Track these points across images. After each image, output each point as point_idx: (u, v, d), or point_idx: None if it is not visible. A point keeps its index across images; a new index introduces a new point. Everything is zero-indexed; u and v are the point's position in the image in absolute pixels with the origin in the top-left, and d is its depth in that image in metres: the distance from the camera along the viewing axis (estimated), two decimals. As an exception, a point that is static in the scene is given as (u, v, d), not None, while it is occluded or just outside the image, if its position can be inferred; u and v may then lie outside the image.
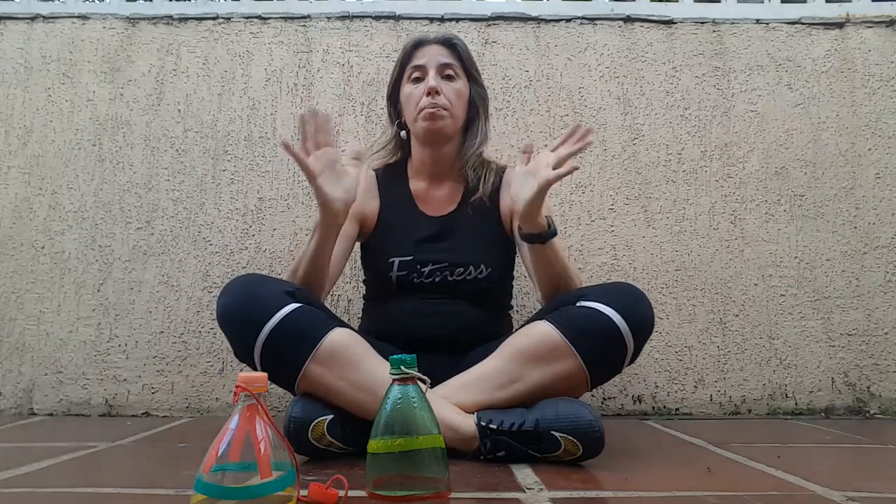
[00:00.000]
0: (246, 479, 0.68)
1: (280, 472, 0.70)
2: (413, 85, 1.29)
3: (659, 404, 1.65)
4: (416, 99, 1.27)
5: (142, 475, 0.98)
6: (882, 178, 1.75)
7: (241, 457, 0.68)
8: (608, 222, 1.73)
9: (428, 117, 1.26)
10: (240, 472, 0.68)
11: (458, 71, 1.30)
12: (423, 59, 1.29)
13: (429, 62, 1.28)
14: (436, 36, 1.33)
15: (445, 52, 1.30)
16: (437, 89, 1.25)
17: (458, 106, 1.29)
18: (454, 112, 1.28)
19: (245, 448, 0.69)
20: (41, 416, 1.63)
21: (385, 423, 0.77)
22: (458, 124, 1.31)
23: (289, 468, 0.71)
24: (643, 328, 1.08)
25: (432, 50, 1.30)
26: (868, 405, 1.66)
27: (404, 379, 0.79)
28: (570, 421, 0.98)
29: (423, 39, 1.32)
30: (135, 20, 1.81)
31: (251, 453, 0.68)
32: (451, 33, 1.35)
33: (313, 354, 1.03)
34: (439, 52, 1.29)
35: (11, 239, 1.72)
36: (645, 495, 0.83)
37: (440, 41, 1.31)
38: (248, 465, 0.68)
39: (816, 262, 1.71)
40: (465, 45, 1.34)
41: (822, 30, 1.80)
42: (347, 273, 1.69)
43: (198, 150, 1.76)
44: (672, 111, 1.77)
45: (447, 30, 1.34)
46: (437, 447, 0.77)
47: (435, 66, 1.28)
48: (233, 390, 0.79)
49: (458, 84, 1.30)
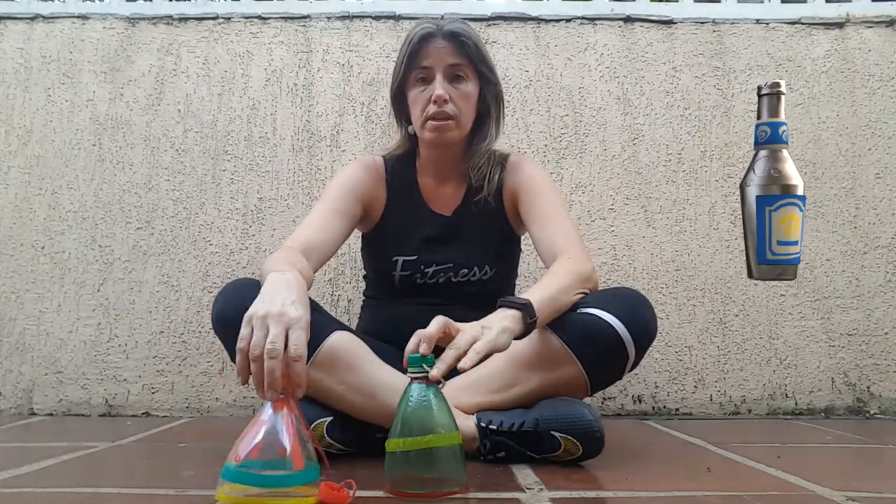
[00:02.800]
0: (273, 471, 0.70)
1: (308, 465, 0.72)
2: (419, 87, 1.23)
3: (659, 404, 1.65)
4: (423, 104, 1.21)
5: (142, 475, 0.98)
6: (882, 178, 1.75)
7: (269, 451, 0.70)
8: (608, 222, 1.73)
9: (434, 129, 1.21)
10: (269, 463, 0.70)
11: (466, 71, 1.22)
12: (429, 60, 1.20)
13: (436, 64, 1.20)
14: (443, 28, 1.21)
15: (453, 49, 1.21)
16: (444, 97, 1.19)
17: (467, 111, 1.24)
18: (462, 120, 1.23)
19: (274, 441, 0.71)
20: (41, 416, 1.63)
21: (404, 421, 0.77)
22: (466, 130, 1.26)
23: (314, 465, 0.73)
24: (645, 335, 1.07)
25: (439, 48, 1.20)
26: (868, 405, 1.66)
27: (423, 378, 0.80)
28: (569, 421, 0.98)
29: (431, 33, 1.21)
30: (135, 20, 1.81)
31: (281, 445, 0.70)
32: (458, 26, 1.23)
33: (312, 359, 1.02)
34: (447, 51, 1.20)
35: (11, 239, 1.72)
36: (645, 495, 0.83)
37: (448, 36, 1.21)
38: (275, 462, 0.70)
39: (816, 262, 1.71)
40: (476, 37, 1.24)
41: (822, 30, 1.80)
42: (347, 273, 1.69)
43: (198, 150, 1.75)
44: (672, 111, 1.77)
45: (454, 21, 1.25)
46: (456, 445, 0.77)
47: (442, 69, 1.20)
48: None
49: (468, 86, 1.23)
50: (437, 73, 1.20)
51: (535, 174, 1.30)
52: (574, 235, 1.21)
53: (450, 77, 1.21)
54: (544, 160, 1.74)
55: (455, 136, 1.24)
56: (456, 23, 1.24)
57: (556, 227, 1.20)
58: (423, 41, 1.21)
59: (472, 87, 1.24)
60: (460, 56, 1.21)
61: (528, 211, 1.25)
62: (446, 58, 1.21)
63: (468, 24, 1.26)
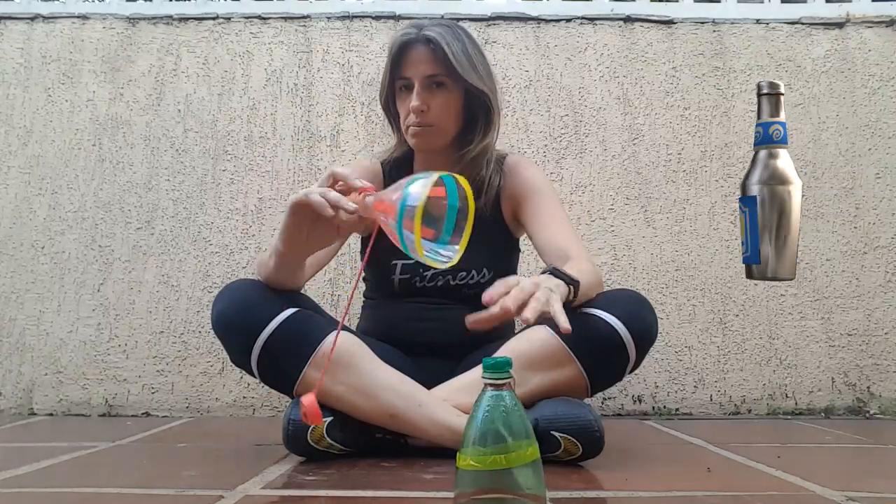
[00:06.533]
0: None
1: None
2: (403, 94, 1.22)
3: (659, 404, 1.65)
4: (405, 113, 1.22)
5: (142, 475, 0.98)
6: (882, 178, 1.75)
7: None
8: (608, 222, 1.73)
9: (415, 135, 1.21)
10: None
11: (445, 79, 1.18)
12: (409, 70, 1.19)
13: (414, 74, 1.18)
14: (422, 34, 1.18)
15: (431, 57, 1.17)
16: (420, 108, 1.18)
17: (447, 118, 1.22)
18: (442, 126, 1.21)
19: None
20: (41, 416, 1.63)
21: (479, 433, 0.67)
22: (450, 135, 1.25)
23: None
24: (646, 336, 1.07)
25: (417, 57, 1.18)
26: (868, 405, 1.66)
27: (498, 384, 0.69)
28: (569, 421, 0.98)
29: (409, 40, 1.19)
30: (135, 20, 1.81)
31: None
32: (438, 32, 1.17)
33: (311, 360, 1.02)
34: (424, 60, 1.18)
35: (11, 239, 1.72)
36: (645, 495, 0.83)
37: (425, 42, 1.17)
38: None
39: (816, 262, 1.71)
40: (458, 41, 1.19)
41: (822, 30, 1.80)
42: (347, 273, 1.69)
43: (198, 150, 1.75)
44: (672, 111, 1.77)
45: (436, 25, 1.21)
46: (538, 458, 0.68)
47: (420, 80, 1.18)
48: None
49: (447, 95, 1.20)
50: (416, 83, 1.18)
51: (534, 176, 1.30)
52: (577, 239, 1.22)
53: (428, 86, 1.19)
54: (544, 160, 1.74)
55: (438, 141, 1.23)
56: (438, 27, 1.19)
57: (561, 231, 1.20)
58: (402, 50, 1.20)
59: (452, 95, 1.21)
60: (438, 64, 1.17)
61: (528, 214, 1.25)
62: (423, 68, 1.18)
63: (453, 28, 1.22)
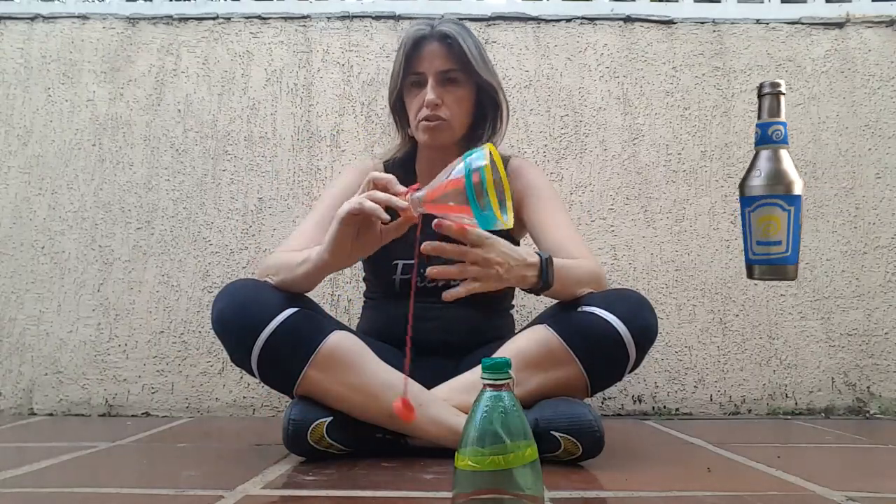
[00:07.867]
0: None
1: None
2: (415, 90, 1.23)
3: (659, 404, 1.65)
4: (417, 108, 1.22)
5: (142, 475, 0.98)
6: (882, 178, 1.75)
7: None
8: (608, 222, 1.73)
9: (426, 130, 1.21)
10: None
11: (459, 75, 1.21)
12: (422, 66, 1.21)
13: (428, 69, 1.20)
14: (436, 30, 1.21)
15: (445, 53, 1.20)
16: (435, 102, 1.19)
17: (460, 114, 1.24)
18: (454, 122, 1.23)
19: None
20: (41, 416, 1.63)
21: (481, 435, 0.68)
22: (461, 132, 1.26)
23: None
24: (646, 335, 1.07)
25: (432, 52, 1.20)
26: (868, 405, 1.66)
27: (497, 385, 0.69)
28: (569, 421, 0.98)
29: (422, 36, 1.21)
30: (135, 20, 1.81)
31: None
32: (452, 28, 1.21)
33: (312, 360, 1.02)
34: (439, 56, 1.20)
35: (11, 239, 1.72)
36: (645, 495, 0.83)
37: (440, 38, 1.20)
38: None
39: (816, 262, 1.71)
40: (471, 37, 1.22)
41: (822, 30, 1.80)
42: (347, 273, 1.69)
43: (198, 150, 1.75)
44: (672, 111, 1.77)
45: (449, 21, 1.23)
46: (536, 459, 0.69)
47: (434, 75, 1.20)
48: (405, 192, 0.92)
49: (460, 90, 1.22)
50: (430, 77, 1.20)
51: (537, 179, 1.30)
52: (581, 241, 1.22)
53: (442, 81, 1.21)
54: (544, 160, 1.74)
55: (448, 137, 1.24)
56: (450, 24, 1.22)
57: (564, 234, 1.20)
58: (416, 45, 1.21)
59: (465, 91, 1.24)
60: (452, 59, 1.20)
61: (532, 217, 1.25)
62: (438, 63, 1.20)
63: (464, 26, 1.24)
